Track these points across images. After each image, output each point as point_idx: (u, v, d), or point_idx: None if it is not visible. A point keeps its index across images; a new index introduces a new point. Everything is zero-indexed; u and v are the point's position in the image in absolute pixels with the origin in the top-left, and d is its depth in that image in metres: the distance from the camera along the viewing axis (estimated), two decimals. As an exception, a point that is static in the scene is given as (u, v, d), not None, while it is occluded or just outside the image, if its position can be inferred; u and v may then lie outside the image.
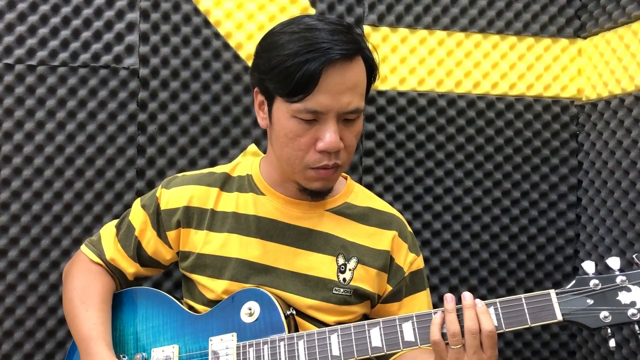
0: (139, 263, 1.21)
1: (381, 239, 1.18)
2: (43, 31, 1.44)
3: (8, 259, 1.43)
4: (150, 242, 1.19)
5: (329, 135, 1.00)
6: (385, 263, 1.17)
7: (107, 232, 1.23)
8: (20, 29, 1.43)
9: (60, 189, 1.45)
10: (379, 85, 1.56)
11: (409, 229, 1.24)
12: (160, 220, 1.18)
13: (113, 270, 1.21)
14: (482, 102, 1.61)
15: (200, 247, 1.15)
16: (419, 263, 1.22)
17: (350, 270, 1.14)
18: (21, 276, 1.43)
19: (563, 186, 1.65)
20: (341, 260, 1.15)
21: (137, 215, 1.20)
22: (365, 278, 1.15)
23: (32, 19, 1.43)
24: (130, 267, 1.20)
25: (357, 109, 1.03)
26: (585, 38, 1.65)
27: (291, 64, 0.98)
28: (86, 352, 1.07)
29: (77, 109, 1.46)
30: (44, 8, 1.43)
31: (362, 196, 1.23)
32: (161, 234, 1.18)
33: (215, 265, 1.14)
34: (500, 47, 1.62)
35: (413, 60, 1.58)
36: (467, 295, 0.96)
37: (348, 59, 1.00)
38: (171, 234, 1.18)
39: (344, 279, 1.13)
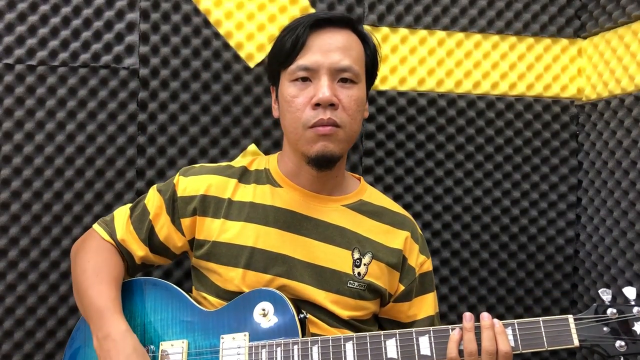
0: (149, 247, 1.20)
1: (394, 238, 1.20)
2: (43, 31, 1.44)
3: (8, 259, 1.43)
4: (164, 228, 1.19)
5: (321, 89, 1.07)
6: (398, 262, 1.18)
7: (121, 213, 1.23)
8: (20, 29, 1.43)
9: (60, 189, 1.45)
10: (379, 85, 1.56)
11: (420, 231, 1.26)
12: (175, 207, 1.19)
13: (122, 252, 1.20)
14: (482, 102, 1.61)
15: (216, 235, 1.16)
16: (429, 265, 1.24)
17: (365, 265, 1.16)
18: (21, 276, 1.43)
19: (563, 186, 1.65)
20: (357, 255, 1.16)
21: (153, 199, 1.21)
22: (378, 274, 1.16)
23: (32, 19, 1.43)
24: (139, 250, 1.20)
25: (350, 68, 1.09)
26: (585, 38, 1.64)
27: (284, 34, 1.12)
28: (99, 325, 1.04)
29: (77, 109, 1.46)
30: (44, 8, 1.43)
31: (375, 196, 1.26)
32: (175, 220, 1.19)
33: (231, 254, 1.14)
34: (500, 47, 1.62)
35: (413, 60, 1.58)
36: (485, 316, 0.99)
37: (335, 25, 1.11)
38: (186, 221, 1.18)
39: (359, 273, 1.15)
